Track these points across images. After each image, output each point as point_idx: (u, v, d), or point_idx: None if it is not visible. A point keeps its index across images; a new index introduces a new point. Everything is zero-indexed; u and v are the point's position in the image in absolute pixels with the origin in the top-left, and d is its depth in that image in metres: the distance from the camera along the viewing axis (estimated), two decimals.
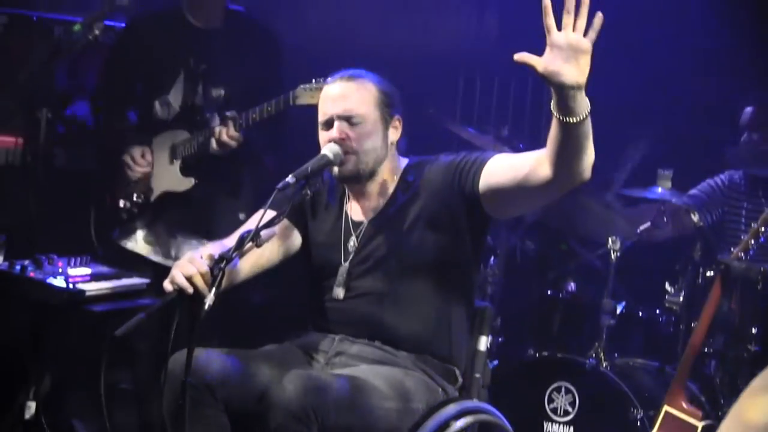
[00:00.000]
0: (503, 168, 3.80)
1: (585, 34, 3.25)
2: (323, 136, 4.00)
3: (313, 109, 4.18)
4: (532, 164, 3.63)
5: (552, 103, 3.37)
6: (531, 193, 3.73)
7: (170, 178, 5.29)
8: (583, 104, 3.34)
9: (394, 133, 4.07)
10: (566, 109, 3.33)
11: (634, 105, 6.52)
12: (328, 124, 4.00)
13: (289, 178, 3.70)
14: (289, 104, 4.79)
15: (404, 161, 4.14)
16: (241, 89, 5.25)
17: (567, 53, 3.25)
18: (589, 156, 3.47)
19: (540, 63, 3.28)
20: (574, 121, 3.34)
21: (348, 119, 3.97)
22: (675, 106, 6.48)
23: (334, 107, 3.99)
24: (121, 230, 5.38)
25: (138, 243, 5.35)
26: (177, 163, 5.27)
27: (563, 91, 3.29)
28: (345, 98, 3.99)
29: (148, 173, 5.32)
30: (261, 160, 5.36)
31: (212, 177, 5.27)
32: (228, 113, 5.03)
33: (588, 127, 3.40)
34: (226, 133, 5.00)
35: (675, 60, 6.46)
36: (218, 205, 5.29)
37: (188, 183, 5.25)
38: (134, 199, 5.34)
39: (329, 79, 4.09)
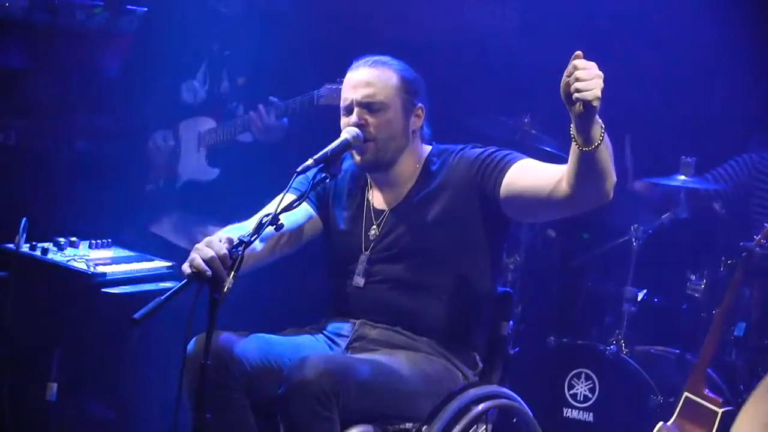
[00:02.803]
0: (526, 176, 3.79)
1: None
2: (344, 121, 3.99)
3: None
4: (555, 179, 3.63)
5: (571, 131, 3.39)
6: (551, 207, 3.75)
7: (196, 166, 5.32)
8: (597, 132, 3.35)
9: (416, 122, 4.05)
10: (583, 135, 3.35)
11: (658, 92, 6.50)
12: (349, 110, 3.98)
13: (309, 162, 3.69)
14: (313, 104, 4.81)
15: (427, 149, 4.12)
16: (264, 76, 5.25)
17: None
18: (609, 180, 3.50)
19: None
20: (589, 148, 3.36)
21: (368, 106, 3.94)
22: (699, 93, 6.45)
23: (355, 93, 3.97)
24: (149, 215, 5.41)
25: (164, 228, 5.38)
26: (203, 152, 5.29)
27: (583, 115, 3.30)
28: (366, 84, 3.97)
29: (171, 157, 5.35)
30: (287, 148, 5.35)
31: (237, 166, 5.28)
32: (272, 98, 5.02)
33: (604, 153, 3.41)
34: (261, 121, 5.00)
35: (700, 45, 6.43)
36: (242, 194, 5.29)
37: (213, 173, 5.28)
38: (160, 184, 5.37)
39: (353, 64, 4.08)
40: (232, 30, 5.33)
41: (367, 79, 3.98)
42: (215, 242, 3.56)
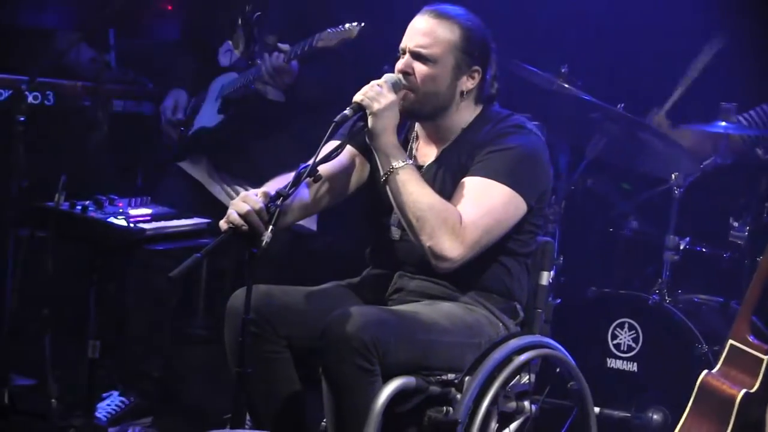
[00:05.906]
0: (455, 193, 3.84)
1: None
2: (397, 64, 3.91)
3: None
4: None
5: None
6: None
7: (208, 113, 5.34)
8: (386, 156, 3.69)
9: (468, 83, 3.92)
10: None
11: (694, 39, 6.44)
12: (403, 52, 3.90)
13: (347, 111, 3.66)
14: (312, 47, 4.77)
15: (477, 111, 4.01)
16: (293, 34, 5.23)
17: None
18: (421, 227, 3.69)
19: None
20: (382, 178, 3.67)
21: (418, 56, 3.85)
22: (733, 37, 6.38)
23: (410, 40, 3.87)
24: (176, 153, 5.45)
25: (195, 170, 5.41)
26: (219, 102, 5.32)
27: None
28: (423, 34, 3.86)
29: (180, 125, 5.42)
30: (305, 106, 5.32)
31: (240, 116, 5.29)
32: (281, 44, 5.02)
33: (399, 194, 3.69)
34: (272, 64, 5.00)
35: None
36: (241, 145, 5.31)
37: (217, 119, 5.30)
38: (176, 132, 5.43)
39: (424, 8, 3.95)
40: None
41: (426, 28, 3.87)
42: (251, 196, 3.56)
